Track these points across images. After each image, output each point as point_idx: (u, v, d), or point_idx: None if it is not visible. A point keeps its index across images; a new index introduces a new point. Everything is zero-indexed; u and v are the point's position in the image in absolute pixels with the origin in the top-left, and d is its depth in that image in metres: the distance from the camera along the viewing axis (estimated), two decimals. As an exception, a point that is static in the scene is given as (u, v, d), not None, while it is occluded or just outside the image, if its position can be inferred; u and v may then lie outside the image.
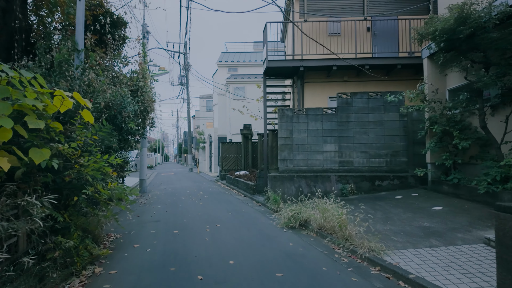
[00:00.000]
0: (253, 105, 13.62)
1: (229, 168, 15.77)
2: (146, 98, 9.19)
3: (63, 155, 3.73)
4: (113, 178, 4.87)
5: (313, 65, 8.93)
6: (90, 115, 3.50)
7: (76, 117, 4.03)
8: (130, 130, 8.53)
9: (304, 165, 8.17)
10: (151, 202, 9.11)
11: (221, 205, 8.36)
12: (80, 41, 5.20)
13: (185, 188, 12.98)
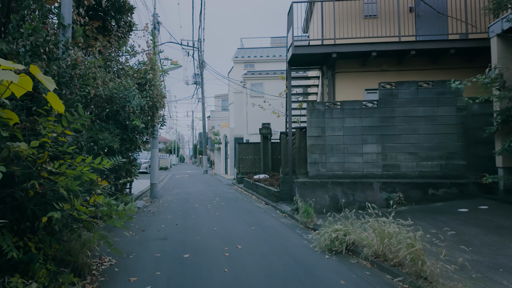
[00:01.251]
0: (273, 102, 12.36)
1: (247, 170, 14.57)
2: (155, 92, 8.09)
3: (22, 159, 2.60)
4: (103, 188, 3.73)
5: (348, 50, 7.58)
6: (57, 100, 2.34)
7: (47, 106, 2.89)
8: (137, 129, 7.45)
9: (339, 169, 6.84)
10: (160, 210, 8.00)
11: (240, 215, 7.13)
12: (66, 15, 4.10)
13: (199, 192, 11.85)
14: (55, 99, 2.35)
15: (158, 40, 10.36)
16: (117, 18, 7.73)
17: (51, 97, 2.35)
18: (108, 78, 6.74)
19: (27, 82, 2.32)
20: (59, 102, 2.35)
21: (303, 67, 9.27)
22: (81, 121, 2.67)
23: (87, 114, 2.74)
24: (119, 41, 7.77)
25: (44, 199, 2.95)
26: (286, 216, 7.00)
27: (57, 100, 2.36)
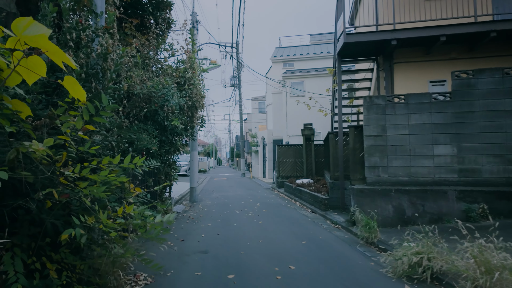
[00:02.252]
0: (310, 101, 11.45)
1: (287, 174, 13.76)
2: (194, 91, 7.64)
3: (33, 161, 2.10)
4: (136, 196, 3.20)
5: (411, 36, 6.52)
6: (76, 85, 1.82)
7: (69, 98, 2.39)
8: (176, 130, 7.03)
9: (404, 174, 5.81)
10: (200, 216, 7.50)
11: (286, 225, 6.37)
12: (99, 2, 3.67)
13: (238, 197, 11.29)
14: (73, 84, 1.80)
15: (196, 39, 10.02)
16: (156, 15, 7.43)
17: (69, 82, 1.81)
18: (146, 76, 6.40)
19: (40, 65, 1.80)
20: (79, 89, 1.80)
21: (354, 58, 8.30)
22: (104, 113, 2.11)
23: (112, 104, 2.18)
24: (157, 39, 7.46)
25: (65, 211, 2.45)
26: (340, 228, 6.11)
27: (76, 86, 1.82)
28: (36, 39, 1.59)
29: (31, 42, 1.60)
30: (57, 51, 1.67)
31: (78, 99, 1.92)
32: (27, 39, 1.58)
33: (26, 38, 1.58)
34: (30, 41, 1.58)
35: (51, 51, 1.64)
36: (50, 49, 1.61)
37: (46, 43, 1.60)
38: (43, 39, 1.59)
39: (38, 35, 1.57)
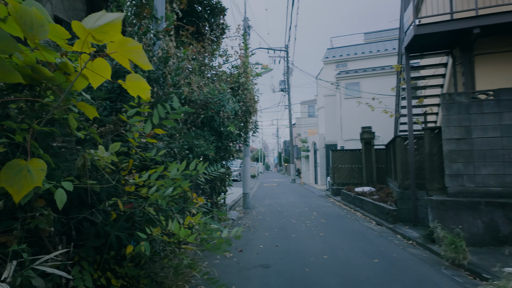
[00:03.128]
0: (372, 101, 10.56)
1: (343, 181, 12.95)
2: (248, 96, 7.48)
3: (97, 169, 1.96)
4: (198, 206, 2.99)
5: (499, 22, 5.57)
6: (142, 83, 1.65)
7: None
8: (231, 136, 6.89)
9: (496, 184, 4.90)
10: (255, 225, 7.24)
11: (350, 239, 5.79)
12: (159, 7, 3.61)
13: (292, 204, 10.85)
14: (135, 81, 1.62)
15: (249, 44, 9.91)
16: (210, 21, 7.45)
17: (130, 80, 1.63)
18: (203, 82, 6.38)
19: (105, 67, 1.64)
20: (141, 84, 1.61)
21: (424, 53, 7.43)
22: (175, 115, 1.90)
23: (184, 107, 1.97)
24: (212, 45, 7.46)
25: (128, 222, 2.30)
26: (415, 245, 5.35)
27: (139, 81, 1.63)
28: (106, 29, 1.40)
29: (100, 33, 1.42)
30: (124, 42, 1.48)
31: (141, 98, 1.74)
32: (96, 31, 1.41)
33: (94, 31, 1.41)
34: (100, 31, 1.41)
35: (119, 43, 1.45)
36: (119, 39, 1.42)
37: (116, 33, 1.41)
38: (114, 27, 1.41)
39: (107, 24, 1.38)
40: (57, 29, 1.48)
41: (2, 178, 1.24)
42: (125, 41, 1.52)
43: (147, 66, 1.63)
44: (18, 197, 1.24)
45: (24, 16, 1.29)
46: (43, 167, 1.32)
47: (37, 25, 1.33)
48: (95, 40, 1.52)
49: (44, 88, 1.88)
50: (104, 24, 1.43)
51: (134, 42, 1.56)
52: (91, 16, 1.47)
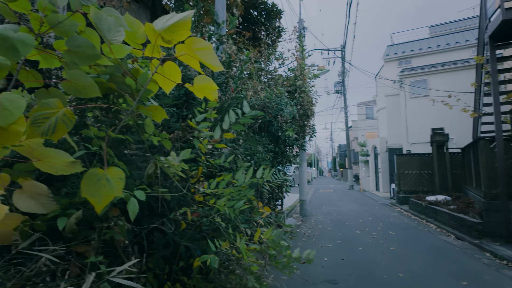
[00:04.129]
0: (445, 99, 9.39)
1: (410, 189, 11.81)
2: (305, 99, 7.21)
3: (166, 177, 1.90)
4: (264, 216, 2.82)
5: None
6: (207, 81, 1.55)
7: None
8: (288, 140, 6.69)
9: None
10: (316, 234, 6.88)
11: (427, 255, 5.12)
12: (220, 12, 3.58)
13: (353, 213, 10.19)
14: (205, 85, 1.51)
15: (305, 46, 9.63)
16: (266, 25, 7.38)
17: (200, 82, 1.54)
18: (260, 87, 6.30)
19: (175, 71, 1.56)
20: (208, 85, 1.50)
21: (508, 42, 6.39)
22: (245, 120, 1.76)
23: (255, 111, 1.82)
24: (268, 49, 7.37)
25: (195, 231, 2.21)
26: (511, 266, 4.52)
27: (209, 85, 1.53)
28: (175, 27, 1.31)
29: (169, 32, 1.34)
30: (194, 42, 1.38)
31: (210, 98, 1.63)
32: (165, 31, 1.33)
33: (164, 32, 1.33)
34: (169, 31, 1.32)
35: (188, 44, 1.35)
36: (188, 39, 1.32)
37: (186, 31, 1.32)
38: (183, 26, 1.31)
39: (177, 22, 1.29)
40: (132, 33, 1.43)
41: (83, 189, 1.20)
42: (194, 41, 1.42)
43: (218, 67, 1.51)
44: (100, 208, 1.19)
45: (104, 21, 1.24)
46: (122, 176, 1.26)
47: (114, 30, 1.28)
48: (164, 41, 1.45)
49: (117, 96, 1.88)
50: (173, 23, 1.34)
51: (204, 41, 1.45)
52: (161, 18, 1.40)
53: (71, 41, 1.35)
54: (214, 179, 2.14)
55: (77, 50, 1.35)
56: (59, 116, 1.25)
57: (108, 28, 1.29)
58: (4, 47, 1.18)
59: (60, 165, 1.34)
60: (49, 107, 1.25)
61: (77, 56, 1.37)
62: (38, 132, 1.21)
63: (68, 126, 1.28)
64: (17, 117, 1.08)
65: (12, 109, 1.08)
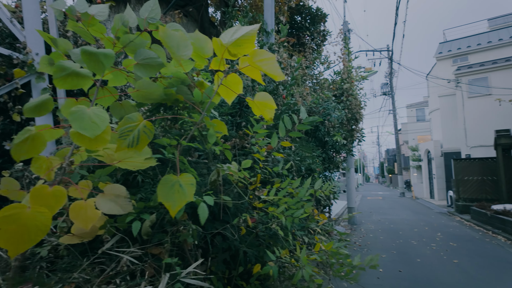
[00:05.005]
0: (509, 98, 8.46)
1: (471, 196, 10.79)
2: (353, 102, 7.00)
3: (227, 184, 1.95)
4: (321, 224, 2.77)
5: None
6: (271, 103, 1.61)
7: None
8: (335, 146, 6.53)
9: None
10: (367, 243, 6.58)
11: (499, 270, 4.61)
12: (269, 21, 3.65)
13: (406, 222, 9.57)
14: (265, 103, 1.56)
15: (351, 48, 9.36)
16: (311, 30, 7.33)
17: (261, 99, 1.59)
18: (306, 92, 6.26)
19: (237, 82, 1.63)
20: (270, 105, 1.55)
21: None
22: (302, 127, 1.77)
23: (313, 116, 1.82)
24: (313, 54, 7.31)
25: (255, 239, 2.24)
26: None
27: (269, 103, 1.59)
28: (241, 41, 1.37)
29: (235, 47, 1.40)
30: (257, 53, 1.42)
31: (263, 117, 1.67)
32: (232, 45, 1.39)
33: (231, 46, 1.39)
34: (235, 45, 1.38)
35: (252, 55, 1.40)
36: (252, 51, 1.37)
37: (251, 45, 1.37)
38: (249, 39, 1.36)
39: (243, 36, 1.35)
40: (199, 47, 1.51)
41: (159, 194, 1.28)
42: (258, 53, 1.46)
43: (280, 77, 1.53)
44: (174, 212, 1.26)
45: (172, 38, 1.33)
46: (193, 182, 1.33)
47: (183, 46, 1.36)
48: (230, 54, 1.51)
49: (182, 108, 2.00)
50: (239, 38, 1.40)
51: (267, 53, 1.48)
52: (227, 32, 1.46)
53: (139, 55, 1.47)
54: (270, 186, 2.16)
55: (144, 62, 1.47)
56: (140, 128, 1.37)
57: (177, 45, 1.38)
58: (91, 61, 1.33)
59: (138, 162, 1.46)
60: (132, 120, 1.37)
61: (144, 68, 1.49)
62: (125, 144, 1.33)
63: (149, 136, 1.39)
64: (103, 129, 1.20)
65: (98, 122, 1.20)
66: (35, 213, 1.07)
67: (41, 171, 1.45)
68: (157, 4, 1.63)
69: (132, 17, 1.59)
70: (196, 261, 1.90)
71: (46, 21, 3.10)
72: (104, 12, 1.55)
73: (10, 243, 1.05)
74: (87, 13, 1.52)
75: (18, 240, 1.06)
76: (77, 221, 1.25)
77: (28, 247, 1.07)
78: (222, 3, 6.06)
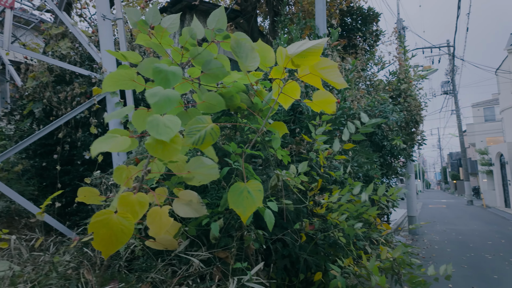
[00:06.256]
0: None
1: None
2: (412, 103, 6.56)
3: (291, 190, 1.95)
4: (385, 234, 2.62)
5: None
6: (330, 97, 1.59)
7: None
8: (394, 150, 6.16)
9: None
10: (432, 256, 6.05)
11: None
12: (321, 26, 3.61)
13: (477, 233, 8.61)
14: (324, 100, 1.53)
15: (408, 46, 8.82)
16: (362, 31, 7.07)
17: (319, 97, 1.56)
18: (359, 95, 6.03)
19: (295, 89, 1.64)
20: (330, 99, 1.52)
21: None
22: (365, 129, 1.71)
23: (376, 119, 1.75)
24: (365, 55, 7.03)
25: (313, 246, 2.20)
26: None
27: (328, 99, 1.55)
28: (307, 53, 1.38)
29: (300, 58, 1.41)
30: (319, 62, 1.41)
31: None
32: (296, 57, 1.41)
33: (295, 57, 1.41)
34: (300, 56, 1.39)
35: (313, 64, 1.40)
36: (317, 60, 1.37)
37: (316, 58, 1.37)
38: (315, 53, 1.37)
39: (310, 48, 1.35)
40: (262, 57, 1.55)
41: (229, 201, 1.33)
42: (320, 62, 1.46)
43: (342, 84, 1.51)
44: (245, 218, 1.30)
45: (242, 48, 1.38)
46: (260, 188, 1.35)
47: (251, 57, 1.41)
48: (293, 65, 1.53)
49: (242, 116, 2.06)
50: (306, 50, 1.40)
51: (330, 61, 1.47)
52: (293, 44, 1.47)
53: (206, 65, 1.54)
54: (329, 192, 2.11)
55: (210, 72, 1.54)
56: (207, 129, 1.44)
57: (246, 55, 1.43)
58: (159, 78, 1.42)
59: (203, 175, 1.52)
60: (201, 121, 1.45)
61: (210, 77, 1.56)
62: (190, 141, 1.41)
63: (213, 138, 1.46)
64: (175, 133, 1.27)
65: (171, 126, 1.28)
66: (120, 218, 1.19)
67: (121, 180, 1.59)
68: (223, 14, 1.69)
69: (199, 28, 1.67)
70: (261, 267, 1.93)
71: (117, 42, 3.44)
72: (175, 24, 1.64)
73: (102, 245, 1.17)
74: (160, 26, 1.62)
75: (108, 242, 1.17)
76: (152, 227, 1.35)
77: (116, 249, 1.18)
78: (271, 12, 6.16)
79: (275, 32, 5.71)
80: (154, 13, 1.64)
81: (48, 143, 3.30)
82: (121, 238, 1.17)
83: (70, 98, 2.98)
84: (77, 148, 3.25)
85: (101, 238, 1.16)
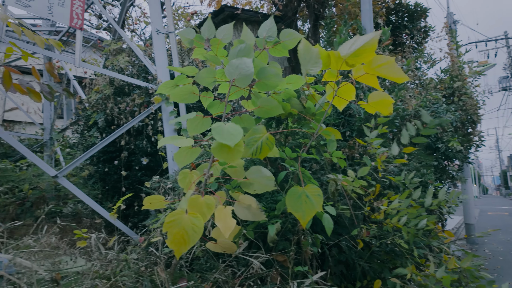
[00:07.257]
0: None
1: None
2: (468, 102, 6.09)
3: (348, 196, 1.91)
4: (447, 241, 2.45)
5: None
6: (387, 98, 1.55)
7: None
8: (449, 153, 5.76)
9: None
10: (496, 268, 5.52)
11: None
12: (368, 26, 3.53)
13: (551, 245, 7.66)
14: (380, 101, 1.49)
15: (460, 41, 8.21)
16: (409, 28, 6.74)
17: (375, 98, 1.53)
18: (408, 95, 5.73)
19: (349, 91, 1.62)
20: (387, 100, 1.48)
21: None
22: (427, 131, 1.64)
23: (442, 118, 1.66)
24: (413, 53, 6.68)
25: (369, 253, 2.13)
26: None
27: (384, 100, 1.51)
28: (360, 52, 1.35)
29: (353, 57, 1.39)
30: (375, 59, 1.38)
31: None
32: (350, 57, 1.39)
33: (349, 57, 1.40)
34: (353, 56, 1.38)
35: (368, 63, 1.37)
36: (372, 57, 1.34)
37: (370, 54, 1.34)
38: (369, 49, 1.34)
39: (362, 46, 1.33)
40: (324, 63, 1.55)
41: (288, 205, 1.35)
42: (376, 59, 1.42)
43: (402, 78, 1.45)
44: (304, 222, 1.31)
45: (309, 54, 1.39)
46: (319, 193, 1.35)
47: (314, 62, 1.42)
48: (348, 65, 1.51)
49: (293, 121, 2.07)
50: (359, 48, 1.37)
51: (385, 57, 1.42)
52: (345, 44, 1.46)
53: (261, 73, 1.58)
54: (387, 197, 2.04)
55: (265, 80, 1.57)
56: (263, 139, 1.47)
57: (309, 59, 1.43)
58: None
59: (260, 184, 1.55)
60: (257, 132, 1.49)
61: (265, 84, 1.59)
62: (250, 152, 1.46)
63: (270, 147, 1.49)
64: (239, 139, 1.32)
65: (235, 133, 1.33)
66: (192, 217, 1.26)
67: (184, 183, 1.68)
68: (273, 24, 1.73)
69: (250, 37, 1.72)
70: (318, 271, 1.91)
71: (168, 54, 3.66)
72: (229, 34, 1.71)
73: (175, 244, 1.24)
74: (216, 39, 1.70)
75: (180, 241, 1.25)
76: (220, 224, 1.39)
77: (188, 248, 1.25)
78: (312, 15, 6.13)
79: (317, 35, 5.66)
80: (209, 27, 1.72)
81: (109, 150, 3.59)
82: (193, 237, 1.24)
83: (129, 108, 3.22)
84: (135, 154, 3.50)
85: (174, 237, 1.24)
